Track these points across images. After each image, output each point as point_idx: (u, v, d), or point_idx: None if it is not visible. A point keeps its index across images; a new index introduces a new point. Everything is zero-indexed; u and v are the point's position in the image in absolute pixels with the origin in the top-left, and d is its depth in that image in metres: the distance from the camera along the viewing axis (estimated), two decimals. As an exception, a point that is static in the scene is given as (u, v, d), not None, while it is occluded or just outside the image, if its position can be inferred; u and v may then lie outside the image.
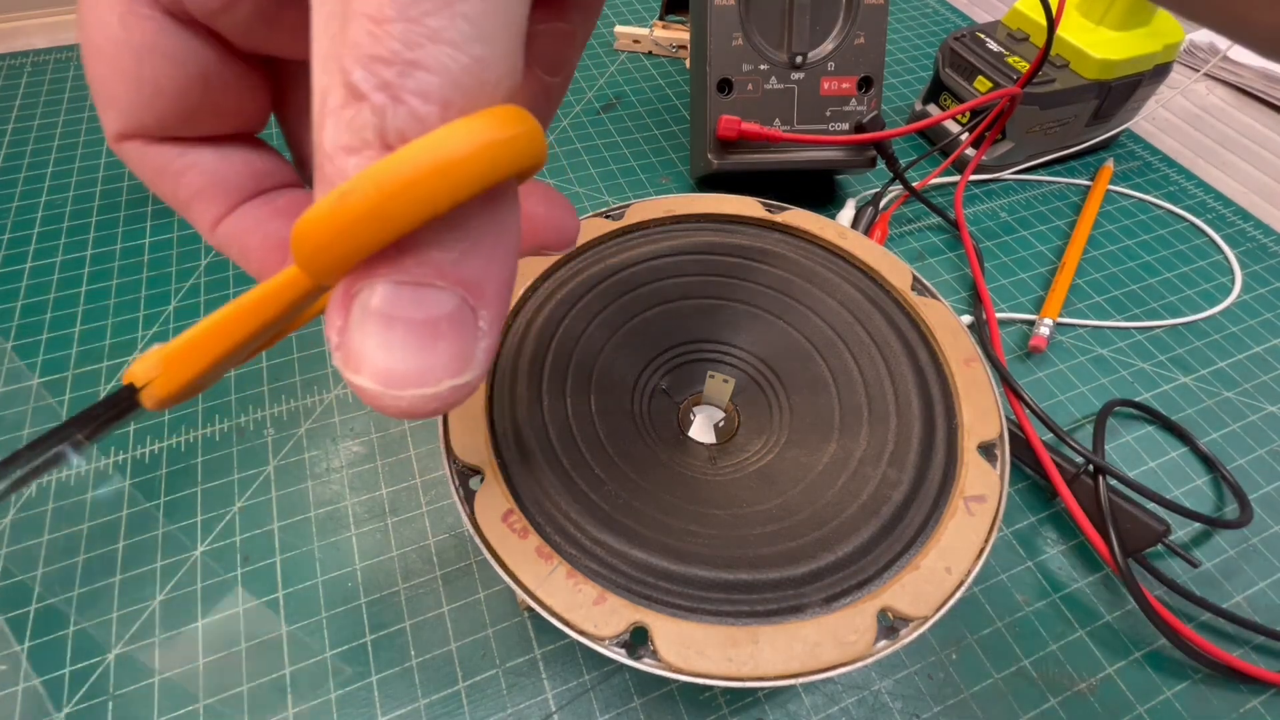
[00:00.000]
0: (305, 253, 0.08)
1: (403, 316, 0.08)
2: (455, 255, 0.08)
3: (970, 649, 0.26)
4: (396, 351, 0.08)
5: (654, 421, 0.26)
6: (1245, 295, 0.40)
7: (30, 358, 0.34)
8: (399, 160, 0.07)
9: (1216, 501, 0.31)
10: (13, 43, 0.53)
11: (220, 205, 0.12)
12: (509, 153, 0.08)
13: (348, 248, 0.08)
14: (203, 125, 0.12)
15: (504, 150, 0.08)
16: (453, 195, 0.07)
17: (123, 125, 0.11)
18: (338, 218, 0.07)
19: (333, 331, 0.09)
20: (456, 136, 0.07)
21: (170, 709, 0.24)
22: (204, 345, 0.10)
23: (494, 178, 0.08)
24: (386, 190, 0.07)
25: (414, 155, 0.07)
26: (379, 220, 0.07)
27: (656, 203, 0.29)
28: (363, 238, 0.07)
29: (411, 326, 0.08)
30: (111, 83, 0.11)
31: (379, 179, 0.07)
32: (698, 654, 0.18)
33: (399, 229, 0.07)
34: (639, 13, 0.59)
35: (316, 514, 0.29)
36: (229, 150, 0.12)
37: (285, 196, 0.13)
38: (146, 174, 0.12)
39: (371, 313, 0.08)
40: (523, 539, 0.19)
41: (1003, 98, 0.38)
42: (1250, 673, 0.25)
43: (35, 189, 0.42)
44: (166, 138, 0.12)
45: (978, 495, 0.21)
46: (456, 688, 0.25)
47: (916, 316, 0.26)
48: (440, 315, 0.08)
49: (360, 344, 0.08)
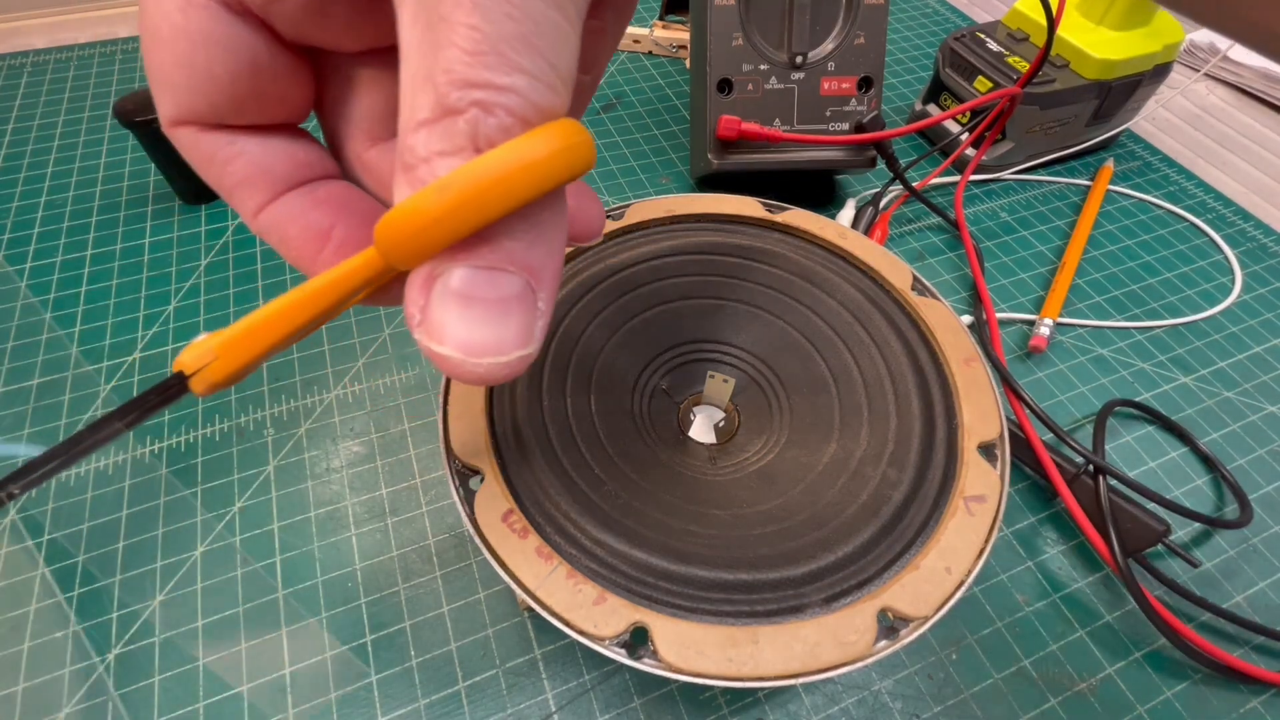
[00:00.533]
0: (396, 239, 0.09)
1: (480, 296, 0.10)
2: (523, 245, 0.10)
3: (970, 649, 0.26)
4: (475, 326, 0.10)
5: (654, 421, 0.26)
6: (1245, 295, 0.40)
7: (30, 358, 0.34)
8: (490, 160, 0.09)
9: (1216, 501, 0.31)
10: (13, 43, 0.53)
11: (263, 194, 0.13)
12: (573, 157, 0.09)
13: (438, 235, 0.09)
14: (251, 113, 0.12)
15: (570, 155, 0.09)
16: (531, 191, 0.09)
17: (177, 111, 0.12)
18: (435, 208, 0.09)
19: (415, 309, 0.10)
20: (536, 143, 0.09)
21: (170, 709, 0.24)
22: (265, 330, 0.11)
23: (562, 178, 0.09)
24: (483, 183, 0.09)
25: (503, 156, 0.09)
26: (472, 209, 0.09)
27: (656, 203, 0.29)
28: (454, 225, 0.09)
29: (487, 305, 0.10)
30: (169, 69, 0.11)
31: (476, 174, 0.09)
32: (698, 654, 0.18)
33: (486, 218, 0.09)
34: (639, 12, 0.59)
35: (316, 514, 0.29)
36: (274, 140, 0.13)
37: (324, 188, 0.13)
38: (197, 160, 0.12)
39: (452, 292, 0.10)
40: (523, 539, 0.19)
41: (1003, 98, 0.38)
42: (1250, 673, 0.25)
43: (35, 189, 0.42)
44: (217, 125, 0.12)
45: (978, 495, 0.21)
46: (456, 688, 0.25)
47: (916, 316, 0.26)
48: (510, 295, 0.10)
49: (442, 319, 0.10)
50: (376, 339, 0.35)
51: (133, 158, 0.44)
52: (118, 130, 0.46)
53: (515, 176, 0.09)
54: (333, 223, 0.13)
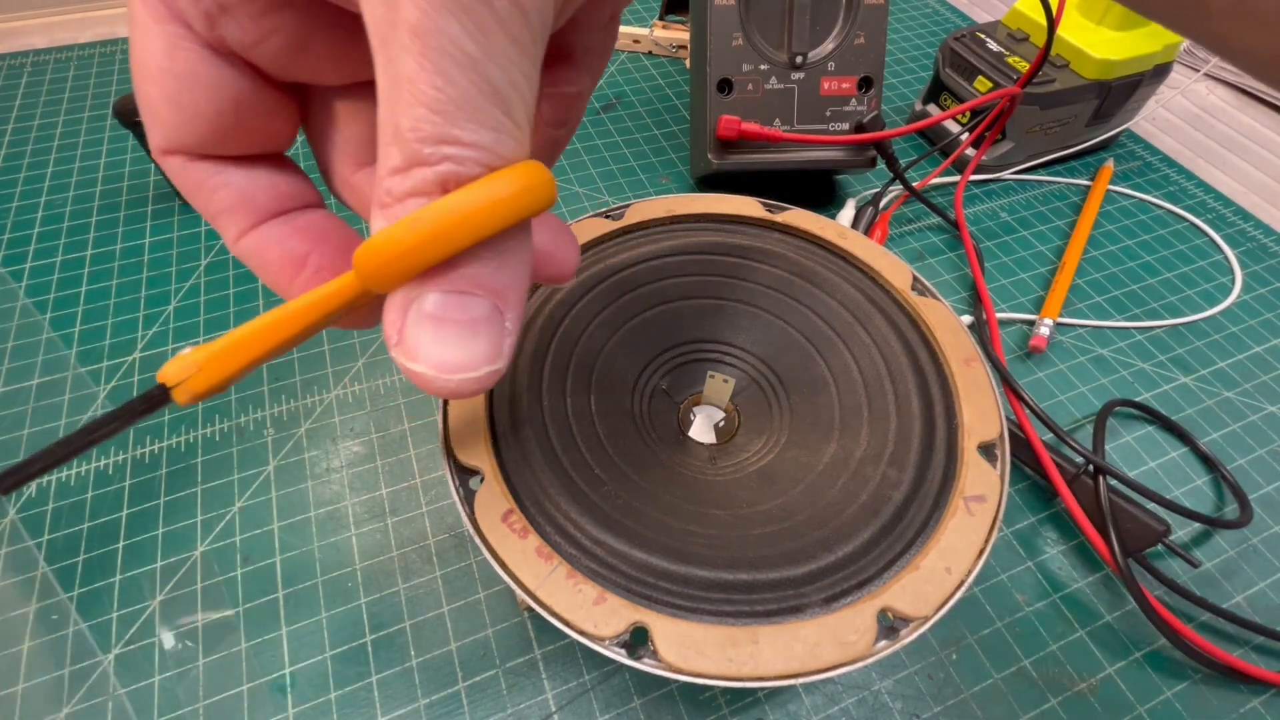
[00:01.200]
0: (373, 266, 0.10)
1: (451, 318, 0.11)
2: (490, 271, 0.11)
3: (970, 649, 0.26)
4: (448, 345, 0.11)
5: (654, 421, 0.26)
6: (1245, 295, 0.40)
7: (30, 358, 0.34)
8: (457, 199, 0.10)
9: (1216, 501, 0.31)
10: (13, 43, 0.53)
11: (245, 221, 0.13)
12: (533, 197, 0.10)
13: (412, 262, 0.10)
14: (236, 145, 0.13)
15: (530, 195, 0.10)
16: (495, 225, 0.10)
17: (166, 142, 0.12)
18: (408, 239, 0.10)
19: (392, 330, 0.11)
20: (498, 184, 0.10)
21: (170, 709, 0.24)
22: (247, 345, 0.12)
23: (523, 214, 0.10)
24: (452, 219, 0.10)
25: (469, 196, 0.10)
26: (442, 241, 0.10)
27: (656, 203, 0.29)
28: (425, 255, 0.10)
29: (459, 325, 0.11)
30: (157, 104, 0.12)
31: (445, 210, 0.10)
32: (698, 654, 0.18)
33: (455, 248, 0.10)
34: (639, 13, 0.59)
35: (316, 514, 0.29)
36: (258, 171, 0.14)
37: (303, 218, 0.14)
38: (184, 187, 0.13)
39: (426, 315, 0.11)
40: (523, 539, 0.19)
41: (1003, 98, 0.38)
42: (1250, 673, 0.25)
43: (35, 189, 0.42)
44: (204, 155, 0.13)
45: (978, 495, 0.21)
46: (456, 688, 0.25)
47: (916, 316, 0.26)
48: (479, 317, 0.11)
49: (417, 339, 0.11)
50: (376, 339, 0.35)
51: (133, 158, 0.44)
52: (118, 130, 0.46)
53: (481, 213, 0.10)
54: (309, 250, 0.14)
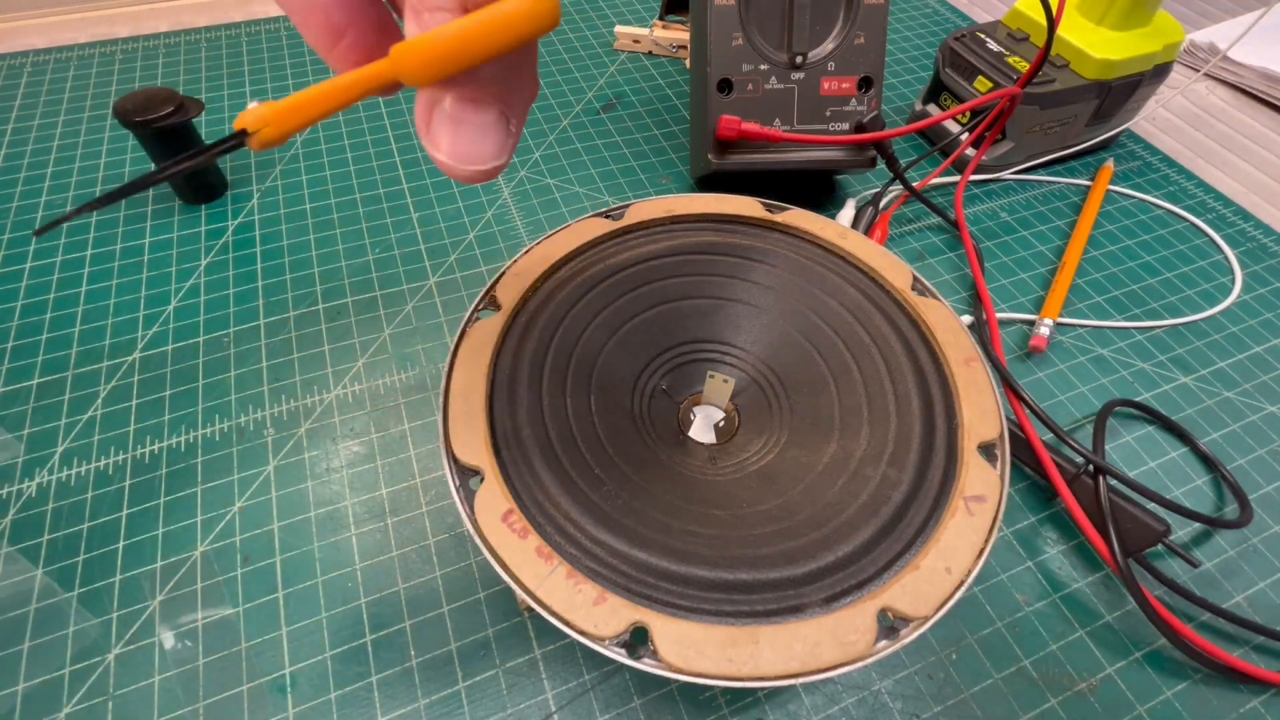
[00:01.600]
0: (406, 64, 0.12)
1: (465, 119, 0.13)
2: (499, 82, 0.13)
3: (970, 649, 0.26)
4: (462, 140, 0.14)
5: (654, 421, 0.26)
6: (1245, 295, 0.40)
7: (30, 358, 0.34)
8: (476, 16, 0.12)
9: (1216, 501, 0.31)
10: (13, 43, 0.53)
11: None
12: (541, 16, 0.12)
13: (436, 70, 0.12)
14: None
15: (535, 19, 0.12)
16: (506, 41, 0.12)
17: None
18: (431, 48, 0.12)
19: (422, 123, 0.14)
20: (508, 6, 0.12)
21: (170, 709, 0.24)
22: (307, 106, 0.13)
23: (528, 35, 0.12)
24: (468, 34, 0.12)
25: (486, 14, 0.12)
26: (458, 53, 0.12)
27: (656, 203, 0.29)
28: (446, 65, 0.12)
29: (472, 126, 0.14)
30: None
31: (462, 29, 0.12)
32: (697, 654, 0.18)
33: (469, 61, 0.12)
34: (639, 13, 0.59)
35: (316, 514, 0.29)
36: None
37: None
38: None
39: (446, 115, 0.13)
40: (523, 539, 0.19)
41: (1003, 98, 0.38)
42: (1250, 673, 0.25)
43: (35, 189, 0.42)
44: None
45: (978, 495, 0.21)
46: (456, 688, 0.25)
47: (916, 316, 0.26)
48: (489, 120, 0.14)
49: (439, 133, 0.14)
50: (376, 339, 0.35)
51: (133, 158, 0.44)
52: (118, 130, 0.46)
53: (493, 29, 0.12)
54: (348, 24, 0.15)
